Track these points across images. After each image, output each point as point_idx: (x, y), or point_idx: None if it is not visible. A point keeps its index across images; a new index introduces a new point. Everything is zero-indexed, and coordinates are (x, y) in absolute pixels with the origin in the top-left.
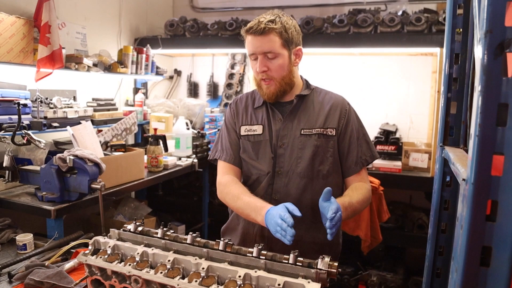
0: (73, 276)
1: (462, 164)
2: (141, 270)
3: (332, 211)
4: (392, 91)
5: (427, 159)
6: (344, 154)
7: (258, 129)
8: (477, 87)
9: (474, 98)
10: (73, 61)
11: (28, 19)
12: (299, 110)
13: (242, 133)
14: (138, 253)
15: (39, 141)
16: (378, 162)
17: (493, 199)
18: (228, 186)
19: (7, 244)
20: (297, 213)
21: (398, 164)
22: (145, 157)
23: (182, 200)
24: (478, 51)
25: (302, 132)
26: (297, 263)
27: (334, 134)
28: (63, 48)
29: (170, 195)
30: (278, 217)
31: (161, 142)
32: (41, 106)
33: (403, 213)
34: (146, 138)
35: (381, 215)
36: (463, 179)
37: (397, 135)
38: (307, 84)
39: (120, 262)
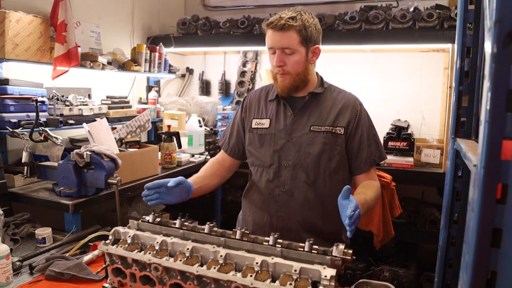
0: (92, 268)
1: (473, 153)
2: (161, 258)
3: (351, 209)
4: (404, 87)
5: (439, 154)
6: (354, 153)
7: (266, 123)
8: (487, 75)
9: (484, 86)
10: (88, 59)
11: (45, 18)
12: (311, 107)
13: (253, 126)
14: (157, 242)
15: (56, 138)
16: (390, 158)
17: (503, 182)
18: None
19: (26, 238)
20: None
21: (410, 160)
22: (159, 154)
23: (194, 199)
24: (488, 41)
25: (311, 129)
26: (313, 251)
27: (342, 133)
28: (79, 46)
29: None
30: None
31: (174, 139)
32: (57, 103)
33: (415, 209)
34: (159, 135)
35: (393, 210)
36: (474, 165)
37: (409, 131)
38: (321, 82)
39: (140, 251)
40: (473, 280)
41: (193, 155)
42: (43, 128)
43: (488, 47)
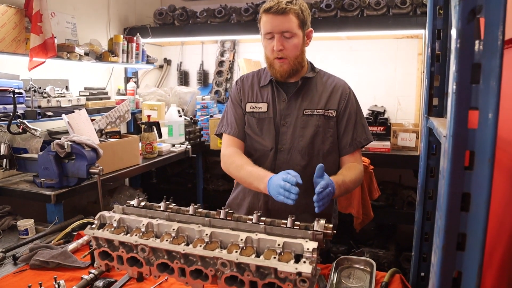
0: (77, 256)
1: (444, 128)
2: (147, 239)
3: (320, 186)
4: (380, 73)
5: (414, 138)
6: (340, 134)
7: (263, 106)
8: (453, 50)
9: (451, 60)
10: (64, 50)
11: (19, 8)
12: (303, 91)
13: (248, 109)
14: (143, 224)
15: (35, 130)
16: None
17: (470, 150)
18: (232, 157)
19: (7, 231)
20: (299, 179)
21: (387, 144)
22: (140, 144)
23: (176, 187)
24: (453, 18)
25: (304, 112)
26: (295, 227)
27: (334, 115)
28: (55, 37)
29: (164, 183)
30: (281, 179)
31: (155, 128)
32: (34, 95)
33: (393, 191)
34: (138, 127)
35: (372, 193)
36: (444, 136)
37: (385, 116)
38: (311, 67)
39: (126, 234)
40: (445, 242)
41: (173, 145)
42: (21, 120)
43: (453, 24)
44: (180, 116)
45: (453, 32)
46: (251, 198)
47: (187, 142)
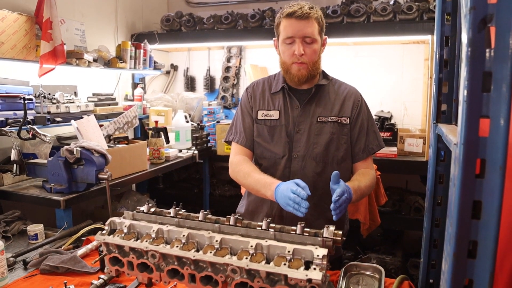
0: (86, 261)
1: (454, 135)
2: (157, 245)
3: (336, 194)
4: (386, 79)
5: (421, 144)
6: (353, 141)
7: (275, 114)
8: (464, 58)
9: (462, 68)
10: (73, 56)
11: (30, 16)
12: (316, 98)
13: (259, 117)
14: (153, 231)
15: (44, 135)
16: None
17: (481, 157)
18: (240, 165)
19: (17, 236)
20: (307, 191)
21: (393, 149)
22: (147, 149)
23: (182, 193)
24: (464, 27)
25: (318, 120)
26: (304, 233)
27: (348, 122)
28: (64, 44)
29: (171, 188)
30: (290, 191)
31: (162, 134)
32: (44, 101)
33: (400, 197)
34: (145, 132)
35: (378, 199)
36: (455, 144)
37: (392, 122)
38: (323, 74)
39: (136, 240)
40: (456, 250)
41: (180, 150)
42: (31, 126)
43: (464, 32)
44: (187, 121)
45: (464, 41)
46: (264, 208)
47: (194, 148)
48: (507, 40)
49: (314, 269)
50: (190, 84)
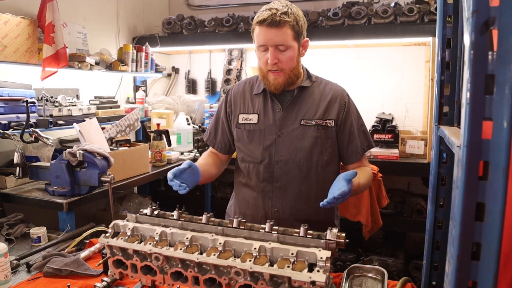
0: (89, 264)
1: (456, 137)
2: (161, 248)
3: (341, 191)
4: (387, 81)
5: (423, 145)
6: (345, 144)
7: (253, 118)
8: (467, 61)
9: (464, 72)
10: (76, 60)
11: (32, 19)
12: (299, 101)
13: (240, 121)
14: (157, 233)
15: (47, 138)
16: (376, 150)
17: (484, 160)
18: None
19: (20, 238)
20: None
21: (395, 151)
22: (149, 152)
23: (184, 195)
24: (466, 30)
25: (301, 123)
26: (307, 235)
27: (333, 125)
28: (67, 47)
29: (173, 191)
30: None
31: (164, 137)
32: (46, 104)
33: (402, 199)
34: (147, 135)
35: (380, 201)
36: (458, 146)
37: (393, 124)
38: (307, 75)
39: (140, 242)
40: (459, 252)
41: (182, 153)
42: (33, 129)
43: (467, 35)
44: (189, 124)
45: (466, 44)
46: (248, 212)
47: (196, 150)
48: (510, 42)
49: (318, 271)
50: (192, 87)
